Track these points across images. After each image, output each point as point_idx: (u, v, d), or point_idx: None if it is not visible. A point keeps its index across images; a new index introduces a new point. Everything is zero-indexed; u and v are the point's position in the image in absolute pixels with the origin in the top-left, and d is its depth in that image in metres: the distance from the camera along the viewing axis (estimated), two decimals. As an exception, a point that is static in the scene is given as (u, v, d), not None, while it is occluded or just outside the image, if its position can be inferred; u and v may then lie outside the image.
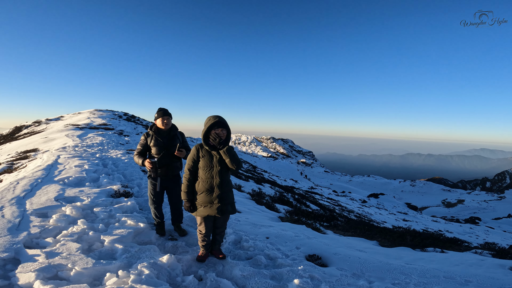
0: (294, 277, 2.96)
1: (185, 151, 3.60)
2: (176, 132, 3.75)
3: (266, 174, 33.50)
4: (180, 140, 3.75)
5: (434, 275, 3.44)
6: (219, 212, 3.02)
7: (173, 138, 3.68)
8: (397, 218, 21.43)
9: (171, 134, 3.69)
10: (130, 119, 28.74)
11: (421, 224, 19.34)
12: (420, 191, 56.22)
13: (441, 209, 42.07)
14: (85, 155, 9.12)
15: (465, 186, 74.47)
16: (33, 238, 3.30)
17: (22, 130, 25.35)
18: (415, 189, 57.24)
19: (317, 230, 6.09)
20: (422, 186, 58.50)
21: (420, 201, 47.52)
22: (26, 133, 22.05)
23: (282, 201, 11.01)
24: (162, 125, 3.61)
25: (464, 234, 17.30)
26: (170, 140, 3.64)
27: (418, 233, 8.78)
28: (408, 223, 17.87)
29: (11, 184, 5.29)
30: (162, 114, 3.59)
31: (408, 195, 53.76)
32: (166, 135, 3.65)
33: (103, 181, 5.98)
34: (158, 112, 3.61)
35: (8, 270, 2.68)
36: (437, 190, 56.23)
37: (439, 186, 58.67)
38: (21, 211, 3.95)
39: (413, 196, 53.01)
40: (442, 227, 19.63)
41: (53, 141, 13.59)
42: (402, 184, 60.33)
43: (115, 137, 15.10)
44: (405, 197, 50.07)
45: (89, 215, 4.14)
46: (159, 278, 2.71)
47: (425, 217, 26.65)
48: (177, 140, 3.69)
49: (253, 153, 77.74)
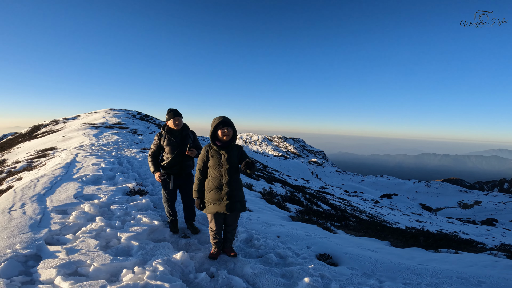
0: (304, 275, 3.00)
1: (195, 150, 3.70)
2: (188, 132, 3.84)
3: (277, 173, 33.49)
4: (192, 139, 3.85)
5: (446, 276, 3.42)
6: (227, 209, 3.10)
7: (185, 137, 3.78)
8: (410, 219, 21.05)
9: (183, 133, 3.79)
10: (144, 118, 29.28)
11: (436, 226, 18.94)
12: (435, 192, 54.86)
13: (457, 211, 40.99)
14: (101, 153, 9.39)
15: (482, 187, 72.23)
16: (54, 234, 3.42)
17: (40, 129, 26.21)
18: (430, 190, 55.91)
19: (328, 230, 6.09)
20: (438, 187, 57.08)
21: (435, 202, 46.40)
22: (44, 132, 22.79)
23: (293, 200, 11.02)
24: (174, 126, 3.71)
25: (480, 235, 16.85)
26: (182, 140, 3.75)
27: (432, 234, 8.64)
28: (422, 224, 17.53)
29: (32, 181, 5.52)
30: (173, 115, 3.69)
31: (423, 196, 52.55)
32: (178, 135, 3.76)
33: (119, 179, 6.16)
34: (168, 113, 3.70)
35: (30, 267, 2.76)
36: (453, 191, 54.75)
37: (455, 187, 57.09)
38: (42, 208, 4.11)
39: (428, 197, 51.79)
40: (457, 228, 19.17)
41: (70, 140, 14.03)
42: (417, 184, 59.00)
43: (129, 136, 15.45)
44: (420, 198, 48.97)
45: (106, 213, 4.28)
46: (173, 275, 2.79)
47: (440, 218, 26.06)
48: (189, 139, 3.80)
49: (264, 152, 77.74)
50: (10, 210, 3.95)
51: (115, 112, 30.22)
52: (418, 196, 52.03)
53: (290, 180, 30.12)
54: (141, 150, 10.92)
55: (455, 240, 8.07)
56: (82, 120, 26.46)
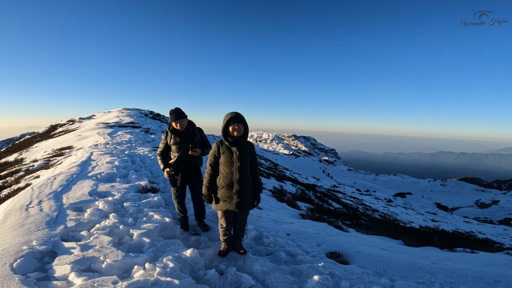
0: (314, 273, 2.98)
1: (199, 150, 3.69)
2: (193, 130, 3.84)
3: (288, 171, 33.39)
4: (198, 136, 3.86)
5: (461, 275, 3.34)
6: (237, 207, 3.11)
7: (191, 135, 3.79)
8: (425, 218, 20.61)
9: (189, 131, 3.79)
10: (156, 117, 29.71)
11: (451, 225, 18.49)
12: (451, 191, 53.50)
13: (473, 210, 39.87)
14: (115, 152, 9.61)
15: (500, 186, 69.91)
16: (69, 231, 3.50)
17: (57, 128, 26.98)
18: (446, 189, 54.54)
19: (339, 228, 6.04)
20: (454, 185, 55.62)
21: (451, 202, 45.26)
22: (61, 131, 23.45)
23: (303, 198, 10.97)
24: (177, 127, 3.73)
25: (498, 235, 16.34)
26: (188, 138, 3.76)
27: (447, 233, 8.43)
28: (437, 224, 17.15)
29: (49, 179, 5.70)
30: (174, 118, 3.66)
31: (438, 195, 51.33)
32: (184, 133, 3.77)
33: (131, 177, 6.29)
34: (170, 116, 3.68)
35: (45, 263, 2.81)
36: (470, 190, 53.24)
37: (472, 186, 55.49)
38: (58, 205, 4.23)
39: (443, 196, 50.55)
40: (474, 228, 18.67)
41: (86, 139, 14.39)
42: (432, 183, 57.65)
43: (142, 135, 15.73)
44: (435, 197, 47.85)
45: (120, 210, 4.37)
46: (183, 271, 2.82)
47: (456, 218, 25.42)
48: (195, 137, 3.80)
49: (275, 151, 77.59)
50: (28, 207, 4.09)
51: (128, 111, 30.80)
52: (433, 195, 50.87)
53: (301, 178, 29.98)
54: (153, 148, 11.10)
55: (471, 239, 7.86)
56: (97, 119, 27.08)
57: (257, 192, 3.28)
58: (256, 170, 3.30)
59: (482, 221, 27.13)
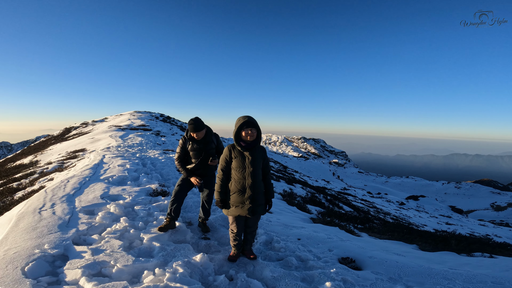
0: (325, 279, 2.91)
1: (217, 160, 3.76)
2: (211, 137, 3.83)
3: (297, 174, 33.16)
4: (215, 143, 3.87)
5: (481, 281, 3.21)
6: (250, 213, 3.07)
7: (208, 143, 3.79)
8: (439, 221, 20.12)
9: (206, 139, 3.79)
10: (166, 120, 30.04)
11: (467, 228, 17.99)
12: (466, 193, 52.12)
13: (489, 213, 38.72)
14: (126, 154, 9.72)
15: (516, 188, 67.81)
16: (81, 234, 3.50)
17: (71, 131, 27.59)
18: (461, 191, 53.18)
19: (351, 233, 5.93)
20: (469, 188, 54.17)
21: (466, 204, 44.09)
22: (75, 134, 23.96)
23: (313, 202, 10.85)
24: (195, 137, 3.73)
25: (516, 240, 15.79)
26: (205, 145, 3.77)
27: (464, 237, 8.18)
28: (452, 227, 16.69)
29: (62, 182, 5.78)
30: (193, 130, 3.63)
31: (453, 197, 50.09)
32: (202, 141, 3.78)
33: (142, 180, 6.32)
34: (189, 126, 3.67)
35: (57, 267, 2.78)
36: (485, 192, 51.75)
37: (488, 188, 53.92)
38: (70, 208, 4.26)
39: (458, 199, 49.31)
40: (490, 231, 18.11)
41: (98, 142, 14.64)
42: (446, 186, 56.28)
43: (153, 138, 15.88)
44: (449, 200, 46.70)
45: (130, 213, 4.38)
46: (192, 277, 2.78)
47: (471, 221, 24.72)
48: (212, 144, 3.81)
49: (284, 153, 77.30)
50: (41, 210, 4.15)
51: (139, 114, 31.25)
52: (447, 198, 49.68)
53: (311, 181, 29.72)
54: (164, 151, 11.18)
55: (490, 243, 7.59)
56: (109, 122, 27.57)
57: (269, 198, 3.24)
58: (268, 175, 3.25)
59: (498, 224, 26.35)
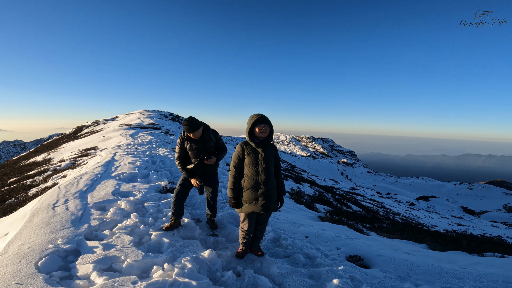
0: (333, 277, 2.92)
1: (214, 158, 3.69)
2: (209, 136, 3.75)
3: (305, 173, 33.05)
4: (213, 141, 3.80)
5: (491, 280, 3.16)
6: (263, 209, 3.08)
7: (206, 141, 3.73)
8: (450, 222, 19.76)
9: (204, 138, 3.72)
10: (175, 119, 30.34)
11: (478, 229, 17.62)
12: (478, 194, 51.01)
13: (502, 214, 37.81)
14: (136, 152, 9.89)
15: (530, 190, 65.98)
16: (93, 230, 3.58)
17: (83, 129, 28.13)
18: (473, 192, 52.06)
19: (359, 231, 5.89)
20: (481, 189, 52.99)
21: (478, 205, 43.14)
22: (87, 132, 24.42)
23: (321, 201, 10.82)
24: (192, 137, 3.67)
25: (529, 242, 15.40)
26: (204, 144, 3.72)
27: (475, 237, 8.02)
28: (464, 228, 16.39)
29: (75, 179, 5.93)
30: (188, 130, 3.56)
31: (465, 198, 49.09)
32: (200, 140, 3.71)
33: (152, 177, 6.43)
34: (184, 127, 3.59)
35: (69, 262, 2.84)
36: (498, 193, 50.54)
37: (501, 189, 52.64)
38: (83, 205, 4.37)
39: (470, 199, 48.30)
40: (502, 232, 17.71)
41: (109, 140, 14.91)
42: (458, 186, 55.18)
43: (162, 136, 16.09)
44: (461, 201, 45.78)
45: (141, 209, 4.47)
46: (200, 272, 2.82)
47: (483, 222, 24.19)
48: (211, 142, 3.75)
49: (292, 153, 77.04)
50: (54, 206, 4.27)
51: (149, 113, 31.66)
52: (459, 198, 48.73)
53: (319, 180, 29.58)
54: (172, 149, 11.32)
55: (501, 244, 7.44)
56: (120, 121, 28.01)
57: (281, 195, 3.26)
58: (280, 173, 3.28)
59: (510, 225, 25.72)
